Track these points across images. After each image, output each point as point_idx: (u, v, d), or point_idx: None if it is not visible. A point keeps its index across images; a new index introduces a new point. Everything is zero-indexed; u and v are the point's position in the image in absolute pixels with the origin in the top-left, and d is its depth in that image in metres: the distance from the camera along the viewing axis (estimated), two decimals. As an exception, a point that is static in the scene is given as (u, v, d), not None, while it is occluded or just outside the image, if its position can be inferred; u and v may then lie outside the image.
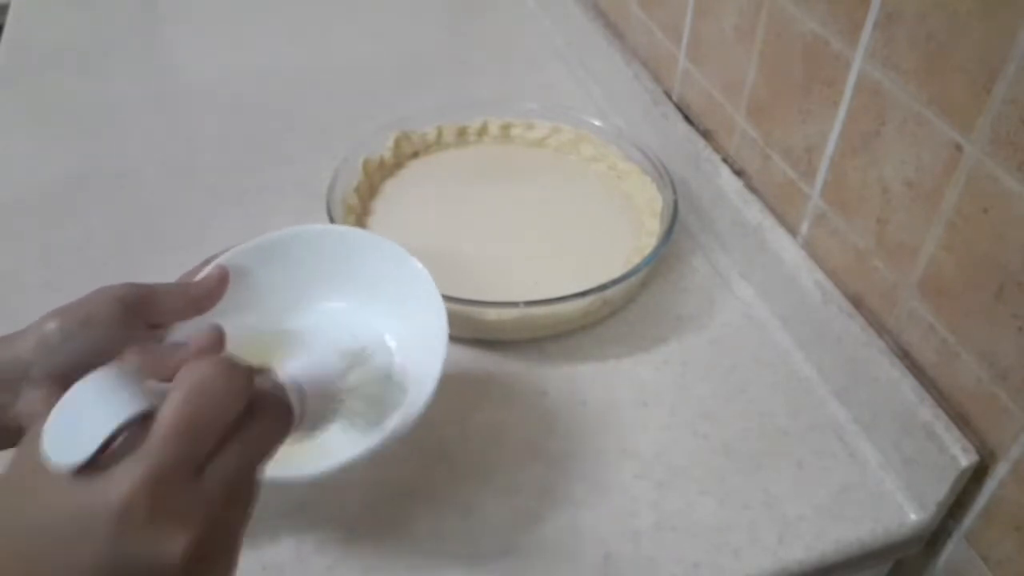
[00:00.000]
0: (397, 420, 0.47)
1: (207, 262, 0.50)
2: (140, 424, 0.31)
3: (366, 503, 0.52)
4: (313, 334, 0.52)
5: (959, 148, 0.46)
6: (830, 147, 0.57)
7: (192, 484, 0.32)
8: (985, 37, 0.43)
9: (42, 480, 0.30)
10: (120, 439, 0.31)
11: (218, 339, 0.41)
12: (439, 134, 0.78)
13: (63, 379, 0.42)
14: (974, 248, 0.47)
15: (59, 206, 0.74)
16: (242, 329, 0.45)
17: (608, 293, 0.60)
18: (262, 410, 0.35)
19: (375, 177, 0.73)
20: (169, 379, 0.34)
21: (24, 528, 0.30)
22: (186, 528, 0.30)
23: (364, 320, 0.52)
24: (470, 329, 0.60)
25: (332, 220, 0.64)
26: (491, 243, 0.68)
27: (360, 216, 0.69)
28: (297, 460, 0.46)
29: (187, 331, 0.47)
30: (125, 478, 0.30)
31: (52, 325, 0.42)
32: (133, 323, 0.44)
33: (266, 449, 0.35)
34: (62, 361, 0.42)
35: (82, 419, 0.31)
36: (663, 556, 0.49)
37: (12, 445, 0.43)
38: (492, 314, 0.59)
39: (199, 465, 0.32)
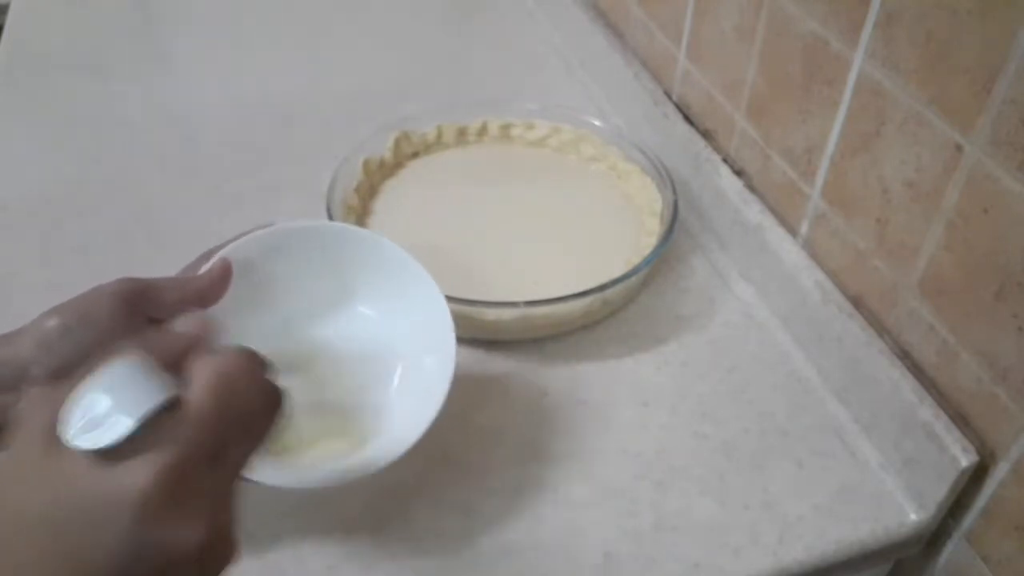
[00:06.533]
0: (408, 431, 0.48)
1: (206, 256, 0.49)
2: (159, 412, 0.31)
3: (366, 503, 0.52)
4: (325, 339, 0.53)
5: (959, 148, 0.46)
6: (830, 147, 0.57)
7: (210, 474, 0.32)
8: (985, 37, 0.43)
9: (60, 463, 0.30)
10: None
11: (208, 324, 0.41)
12: (439, 134, 0.77)
13: (65, 377, 0.43)
14: (974, 248, 0.47)
15: (59, 206, 0.74)
16: (252, 328, 0.45)
17: (608, 293, 0.60)
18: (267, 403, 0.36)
19: (375, 177, 0.73)
20: (172, 367, 0.33)
21: (40, 510, 0.30)
22: (203, 517, 0.31)
23: (373, 326, 0.53)
24: (470, 329, 0.60)
25: (332, 220, 0.64)
26: (491, 243, 0.68)
27: (360, 216, 0.69)
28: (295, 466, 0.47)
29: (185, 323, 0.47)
30: (149, 464, 0.30)
31: (51, 322, 0.42)
32: (133, 318, 0.43)
33: (263, 441, 0.36)
34: (63, 358, 0.41)
35: (109, 404, 0.30)
36: (663, 556, 0.49)
37: None
38: (492, 314, 0.59)
39: (216, 454, 0.32)
